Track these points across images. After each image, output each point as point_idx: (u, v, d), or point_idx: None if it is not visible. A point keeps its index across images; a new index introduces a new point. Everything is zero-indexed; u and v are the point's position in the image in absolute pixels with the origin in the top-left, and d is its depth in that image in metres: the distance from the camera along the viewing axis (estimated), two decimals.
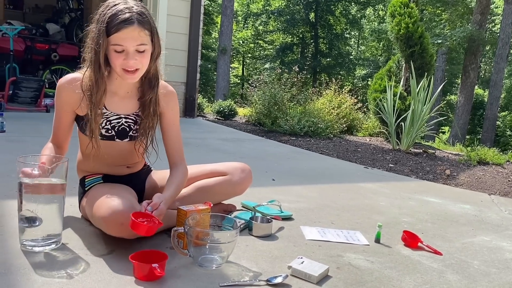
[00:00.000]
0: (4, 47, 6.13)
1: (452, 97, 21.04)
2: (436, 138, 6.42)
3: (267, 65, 23.95)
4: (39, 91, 5.32)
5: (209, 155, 3.40)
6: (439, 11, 17.05)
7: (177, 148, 1.72)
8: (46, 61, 7.01)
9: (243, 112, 7.73)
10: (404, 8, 5.68)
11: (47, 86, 5.95)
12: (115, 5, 1.47)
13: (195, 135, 4.63)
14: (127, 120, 1.64)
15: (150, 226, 1.37)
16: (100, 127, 1.60)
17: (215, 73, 17.47)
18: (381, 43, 21.96)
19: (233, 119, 7.25)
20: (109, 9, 1.46)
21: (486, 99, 15.79)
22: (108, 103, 1.60)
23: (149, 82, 1.61)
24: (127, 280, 1.28)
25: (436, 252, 1.80)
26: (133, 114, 1.65)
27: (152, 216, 1.42)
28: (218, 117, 7.18)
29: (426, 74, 5.35)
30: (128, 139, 1.67)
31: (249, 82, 8.76)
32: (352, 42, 26.43)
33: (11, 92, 5.19)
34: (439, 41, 13.86)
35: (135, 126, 1.66)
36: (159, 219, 1.43)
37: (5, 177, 2.22)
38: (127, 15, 1.44)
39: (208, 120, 6.64)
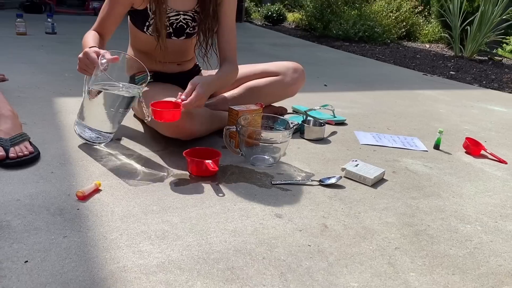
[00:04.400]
0: None
1: None
2: (499, 48, 5.84)
3: None
4: None
5: (258, 59, 3.27)
6: None
7: (230, 42, 1.60)
8: None
9: (292, 18, 7.35)
10: None
11: None
12: None
13: (242, 39, 4.47)
14: (185, 17, 1.55)
15: (173, 112, 1.26)
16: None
17: None
18: None
19: (282, 24, 6.93)
20: None
21: None
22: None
23: None
24: (181, 175, 1.29)
25: (500, 161, 1.69)
26: (191, 11, 1.55)
27: (177, 103, 1.31)
28: (266, 23, 6.88)
29: None
30: (184, 36, 1.59)
31: None
32: None
33: None
34: None
35: (193, 23, 1.57)
36: (193, 103, 1.32)
37: (60, 75, 2.25)
38: None
39: (255, 25, 6.38)
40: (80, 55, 1.30)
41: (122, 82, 1.35)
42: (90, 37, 1.45)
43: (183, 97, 1.33)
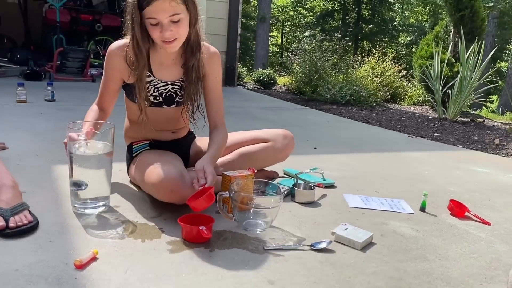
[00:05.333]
0: (51, 19, 6.30)
1: (502, 64, 19.84)
2: (483, 107, 6.13)
3: (306, 33, 23.36)
4: (85, 61, 5.47)
5: (250, 123, 3.41)
6: None
7: (218, 110, 1.73)
8: (91, 32, 7.16)
9: (282, 81, 7.66)
10: None
11: (92, 57, 6.10)
12: None
13: (235, 103, 4.64)
14: (174, 86, 1.67)
15: (208, 195, 1.39)
16: (149, 94, 1.63)
17: (254, 42, 17.29)
18: (427, 7, 20.86)
19: (273, 88, 7.21)
20: None
21: None
22: (155, 71, 1.63)
23: (190, 49, 1.62)
24: (176, 241, 1.33)
25: (484, 222, 1.75)
26: (179, 80, 1.67)
27: (204, 189, 1.44)
28: (258, 86, 7.15)
29: (476, 39, 5.06)
30: (174, 105, 1.70)
31: (289, 50, 8.63)
32: (396, 8, 25.23)
33: (59, 62, 5.37)
34: (491, 4, 13.00)
35: (181, 91, 1.69)
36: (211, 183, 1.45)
37: (58, 143, 2.31)
38: None
39: (248, 89, 6.63)
40: (65, 140, 1.42)
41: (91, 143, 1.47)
42: (88, 116, 1.60)
43: (202, 182, 1.43)
